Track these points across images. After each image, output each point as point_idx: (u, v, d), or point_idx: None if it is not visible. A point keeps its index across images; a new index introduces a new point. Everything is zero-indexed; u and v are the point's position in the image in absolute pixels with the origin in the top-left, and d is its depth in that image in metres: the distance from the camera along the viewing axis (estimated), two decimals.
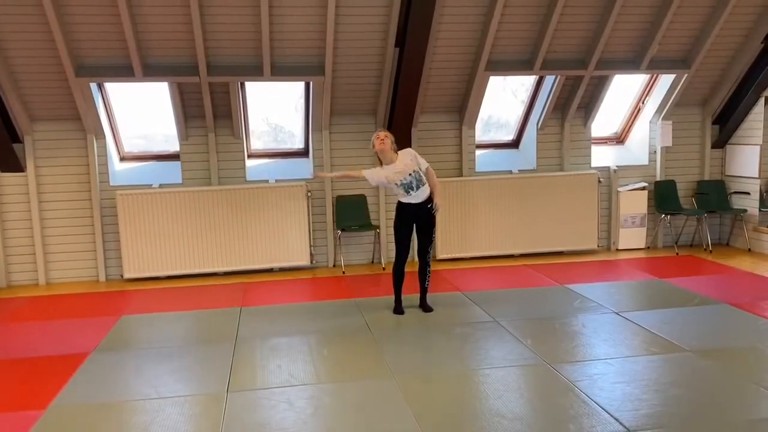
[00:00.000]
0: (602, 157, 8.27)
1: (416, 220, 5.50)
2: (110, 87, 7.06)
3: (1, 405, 3.92)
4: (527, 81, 7.91)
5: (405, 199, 5.41)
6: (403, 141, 7.43)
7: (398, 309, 5.59)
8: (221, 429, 3.49)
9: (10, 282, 7.11)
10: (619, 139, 8.57)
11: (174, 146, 7.44)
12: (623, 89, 8.14)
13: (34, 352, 4.88)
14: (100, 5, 6.00)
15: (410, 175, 5.34)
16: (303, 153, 7.84)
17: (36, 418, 3.69)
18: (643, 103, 8.20)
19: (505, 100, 8.28)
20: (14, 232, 7.05)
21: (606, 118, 8.36)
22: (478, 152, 7.97)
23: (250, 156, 7.63)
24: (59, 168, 7.06)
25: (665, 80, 7.84)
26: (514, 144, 8.32)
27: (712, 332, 4.92)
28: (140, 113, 7.57)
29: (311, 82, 7.07)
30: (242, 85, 7.12)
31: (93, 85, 6.75)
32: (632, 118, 8.39)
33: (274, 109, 7.91)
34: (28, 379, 4.32)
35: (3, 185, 6.98)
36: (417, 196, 5.38)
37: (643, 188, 8.11)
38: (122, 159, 7.52)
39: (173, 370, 4.43)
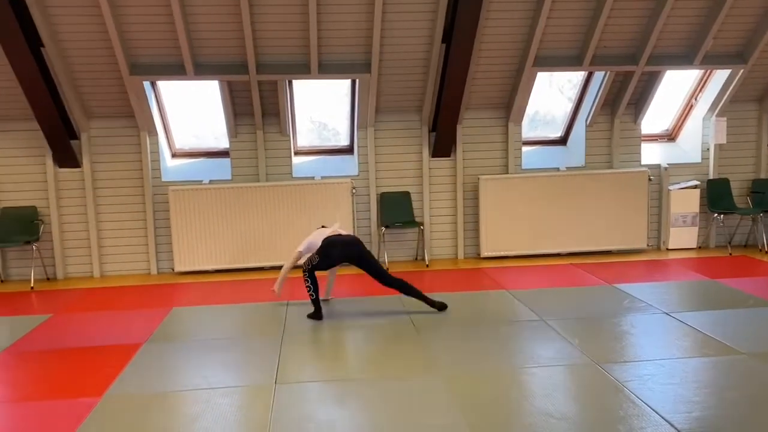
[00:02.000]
0: (653, 154, 8.09)
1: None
2: (163, 85, 7.25)
3: (59, 392, 4.07)
4: (574, 77, 7.80)
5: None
6: (448, 138, 7.45)
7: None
8: (270, 420, 3.55)
9: (67, 273, 7.38)
10: (671, 136, 8.37)
11: (224, 143, 7.59)
12: (675, 85, 7.94)
13: (90, 341, 5.05)
14: (154, 6, 6.16)
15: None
16: (348, 150, 7.89)
17: (92, 405, 3.81)
18: (696, 99, 7.99)
19: (551, 97, 8.17)
20: (71, 226, 7.30)
21: (657, 115, 8.17)
22: (525, 149, 7.90)
23: (296, 153, 7.73)
24: (114, 164, 7.28)
25: (720, 75, 7.63)
26: (562, 141, 8.21)
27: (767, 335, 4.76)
28: (191, 111, 7.75)
29: (357, 80, 7.11)
30: (290, 83, 7.21)
31: (146, 84, 6.93)
32: (684, 114, 8.18)
33: (320, 107, 7.99)
34: (84, 367, 4.48)
35: (60, 180, 7.24)
36: None
37: (695, 186, 7.91)
38: (174, 155, 7.71)
39: (223, 361, 4.53)
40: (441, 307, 5.51)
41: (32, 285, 6.96)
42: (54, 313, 5.89)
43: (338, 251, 5.50)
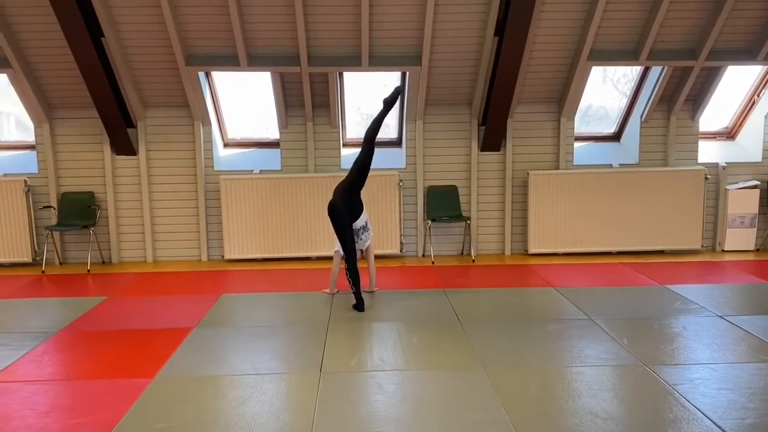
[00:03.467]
0: (710, 152, 7.85)
1: None
2: (217, 76, 7.38)
3: (113, 372, 4.21)
4: (629, 71, 7.61)
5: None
6: (498, 132, 7.38)
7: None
8: (315, 407, 3.60)
9: (121, 258, 7.61)
10: (730, 134, 8.09)
11: (274, 134, 7.70)
12: (736, 81, 7.67)
13: (143, 324, 5.20)
14: None
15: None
16: (396, 143, 7.90)
17: (145, 385, 3.93)
18: (758, 96, 7.70)
19: (605, 91, 7.99)
20: (126, 212, 7.53)
21: (716, 112, 7.91)
22: (577, 144, 7.75)
23: (344, 145, 7.77)
24: (168, 152, 7.47)
25: None
26: (616, 137, 8.03)
27: None
28: (244, 102, 7.87)
29: (407, 72, 7.10)
30: (340, 75, 7.25)
31: (201, 74, 7.08)
32: (745, 111, 7.90)
33: (369, 99, 7.99)
34: (137, 349, 4.62)
35: (117, 167, 7.46)
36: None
37: (755, 186, 7.63)
38: (226, 145, 7.86)
39: (269, 348, 4.61)
40: (396, 91, 5.64)
41: (89, 268, 7.21)
42: (109, 295, 6.09)
43: (338, 202, 5.54)
